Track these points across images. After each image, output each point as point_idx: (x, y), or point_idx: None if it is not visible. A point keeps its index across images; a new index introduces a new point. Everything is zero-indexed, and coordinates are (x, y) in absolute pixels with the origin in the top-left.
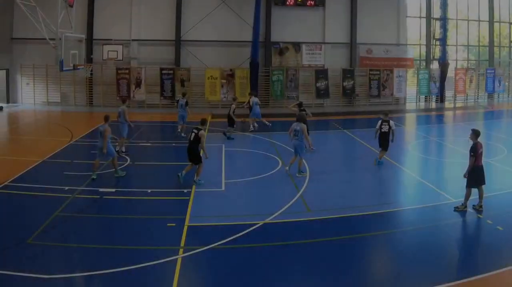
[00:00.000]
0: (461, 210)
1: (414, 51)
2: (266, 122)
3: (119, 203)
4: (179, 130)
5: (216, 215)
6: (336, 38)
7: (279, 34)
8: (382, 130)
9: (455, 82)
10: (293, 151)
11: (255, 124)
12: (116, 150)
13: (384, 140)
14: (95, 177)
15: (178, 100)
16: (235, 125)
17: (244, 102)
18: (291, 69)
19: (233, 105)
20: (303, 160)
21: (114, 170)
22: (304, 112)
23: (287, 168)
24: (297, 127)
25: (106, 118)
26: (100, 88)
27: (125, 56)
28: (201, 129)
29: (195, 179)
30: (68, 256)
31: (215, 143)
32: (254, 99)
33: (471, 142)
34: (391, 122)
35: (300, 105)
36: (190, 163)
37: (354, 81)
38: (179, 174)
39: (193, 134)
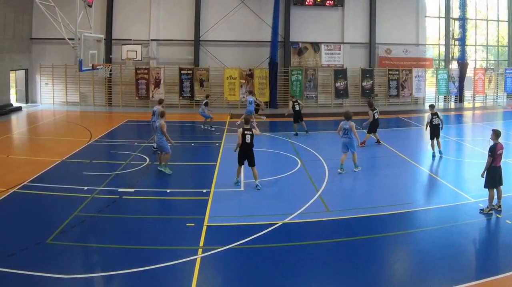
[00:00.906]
0: (486, 212)
1: (433, 51)
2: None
3: (138, 203)
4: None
5: (235, 215)
6: (355, 38)
7: (298, 34)
8: (434, 123)
9: (474, 82)
10: (340, 149)
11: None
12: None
13: (437, 130)
14: (170, 172)
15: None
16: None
17: (264, 102)
18: (310, 69)
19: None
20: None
21: (159, 163)
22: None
23: (339, 170)
24: (347, 125)
25: (162, 114)
26: (119, 88)
27: (144, 56)
28: (253, 129)
29: (258, 183)
30: (87, 256)
31: (234, 143)
32: (249, 98)
33: (491, 142)
34: (440, 114)
35: (295, 101)
36: (240, 166)
37: (373, 81)
38: (235, 181)
39: (249, 136)
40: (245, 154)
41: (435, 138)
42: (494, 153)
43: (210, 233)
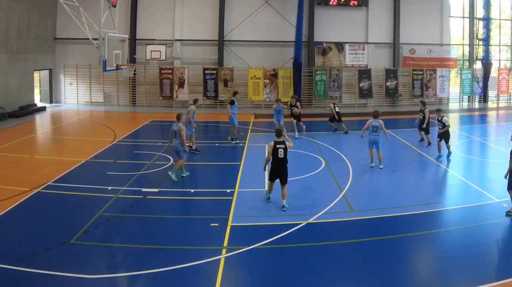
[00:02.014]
0: None
1: (457, 51)
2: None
3: (162, 203)
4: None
5: (259, 215)
6: (379, 38)
7: (322, 34)
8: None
9: (498, 82)
10: (368, 146)
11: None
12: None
13: (445, 133)
14: (176, 180)
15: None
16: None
17: (287, 102)
18: (334, 69)
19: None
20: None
21: (175, 169)
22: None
23: (372, 164)
24: (376, 123)
25: (179, 117)
26: (143, 88)
27: (168, 56)
28: (286, 141)
29: (285, 204)
30: (111, 256)
31: (258, 143)
32: (277, 109)
33: (511, 144)
34: (445, 118)
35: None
36: (271, 182)
37: (397, 81)
38: (267, 196)
39: (282, 150)
40: (278, 171)
41: (443, 140)
42: None
43: (234, 233)
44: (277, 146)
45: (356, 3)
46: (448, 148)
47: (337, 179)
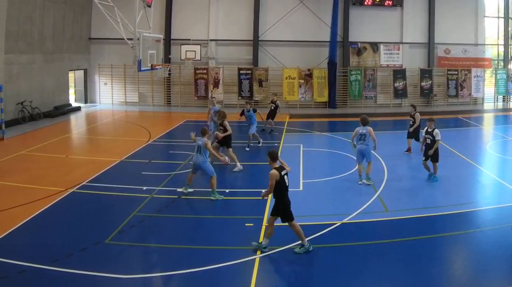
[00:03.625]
0: None
1: (492, 51)
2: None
3: (197, 202)
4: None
5: (294, 215)
6: (414, 38)
7: (357, 34)
8: (428, 141)
9: None
10: (355, 159)
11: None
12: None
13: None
14: (187, 191)
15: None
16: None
17: (322, 102)
18: (369, 69)
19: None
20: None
21: (211, 190)
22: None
23: (360, 182)
24: (363, 130)
25: (204, 132)
26: (178, 88)
27: (203, 56)
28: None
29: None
30: (146, 256)
31: (293, 143)
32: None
33: None
34: (436, 133)
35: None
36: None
37: (432, 81)
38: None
39: (287, 177)
40: (289, 202)
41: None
42: None
43: None
44: (282, 173)
45: (391, 3)
46: (435, 170)
47: (372, 179)
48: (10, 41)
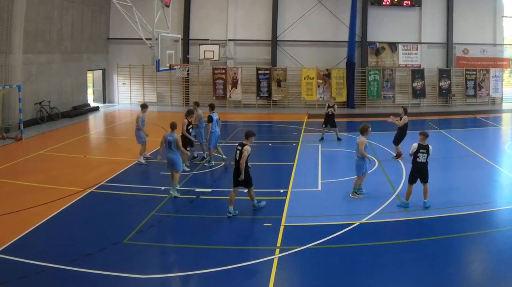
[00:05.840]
0: None
1: (510, 51)
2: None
3: (216, 202)
4: None
5: (312, 215)
6: (432, 38)
7: (375, 34)
8: (419, 159)
9: None
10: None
11: None
12: None
13: (423, 171)
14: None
15: None
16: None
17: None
18: (387, 69)
19: None
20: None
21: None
22: None
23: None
24: (356, 141)
25: (173, 126)
26: (196, 88)
27: (221, 56)
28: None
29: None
30: (164, 256)
31: (312, 143)
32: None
33: None
34: (430, 148)
35: None
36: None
37: (450, 81)
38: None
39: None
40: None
41: (418, 181)
42: None
43: (287, 233)
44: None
45: (409, 3)
46: (427, 194)
47: (390, 179)
48: (29, 41)
